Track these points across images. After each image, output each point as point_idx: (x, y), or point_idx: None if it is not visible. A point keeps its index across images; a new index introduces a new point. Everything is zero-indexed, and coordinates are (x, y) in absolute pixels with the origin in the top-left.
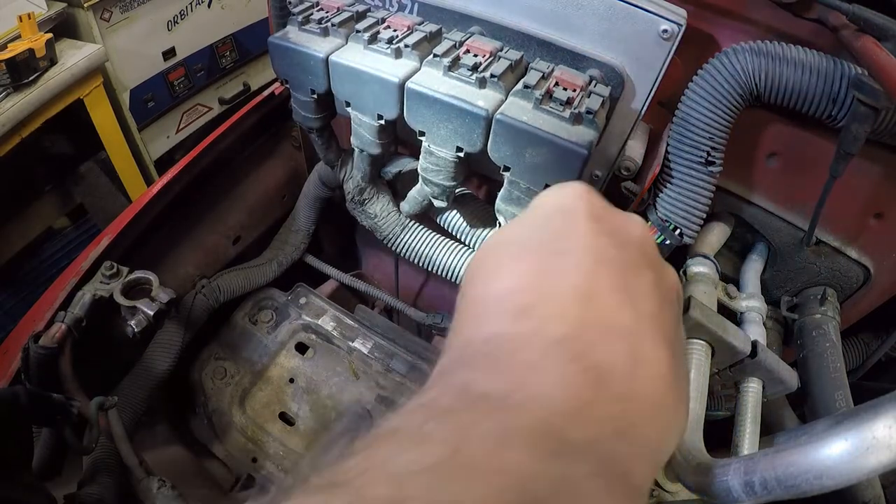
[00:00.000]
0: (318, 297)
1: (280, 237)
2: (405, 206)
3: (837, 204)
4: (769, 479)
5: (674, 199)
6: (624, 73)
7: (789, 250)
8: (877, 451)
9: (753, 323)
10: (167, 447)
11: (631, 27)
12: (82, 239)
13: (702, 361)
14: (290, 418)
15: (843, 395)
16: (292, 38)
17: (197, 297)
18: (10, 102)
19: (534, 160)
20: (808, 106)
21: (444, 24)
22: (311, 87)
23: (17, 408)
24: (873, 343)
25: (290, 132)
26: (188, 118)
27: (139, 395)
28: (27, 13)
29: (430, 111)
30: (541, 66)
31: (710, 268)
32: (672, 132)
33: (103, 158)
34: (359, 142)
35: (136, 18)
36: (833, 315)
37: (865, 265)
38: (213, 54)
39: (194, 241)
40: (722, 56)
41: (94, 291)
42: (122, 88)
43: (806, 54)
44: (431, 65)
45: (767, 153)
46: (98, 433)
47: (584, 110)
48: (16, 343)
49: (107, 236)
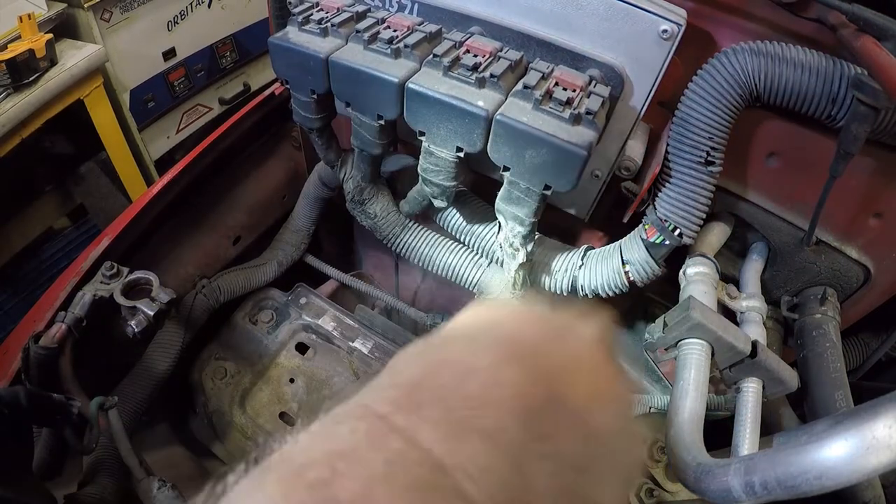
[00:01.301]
0: (319, 297)
1: (280, 237)
2: (405, 206)
3: (837, 204)
4: (769, 480)
5: (673, 199)
6: (624, 73)
7: (789, 250)
8: (877, 451)
9: (753, 323)
10: (167, 447)
11: (631, 27)
12: (82, 239)
13: (702, 361)
14: (290, 418)
15: (843, 395)
16: (292, 38)
17: (197, 297)
18: (11, 103)
19: (533, 161)
20: (808, 106)
21: (444, 24)
22: (311, 88)
23: (17, 408)
24: (873, 343)
25: (291, 132)
26: (188, 118)
27: (139, 395)
28: (27, 14)
29: (429, 111)
30: (541, 67)
31: (710, 268)
32: (672, 132)
33: (103, 159)
34: (359, 142)
35: (137, 19)
36: (833, 315)
37: (865, 265)
38: (214, 54)
39: (194, 242)
40: (722, 56)
41: (94, 292)
42: (122, 89)
43: (806, 54)
44: (431, 65)
45: (767, 153)
46: (98, 433)
47: (584, 111)
48: (16, 343)
49: (107, 236)
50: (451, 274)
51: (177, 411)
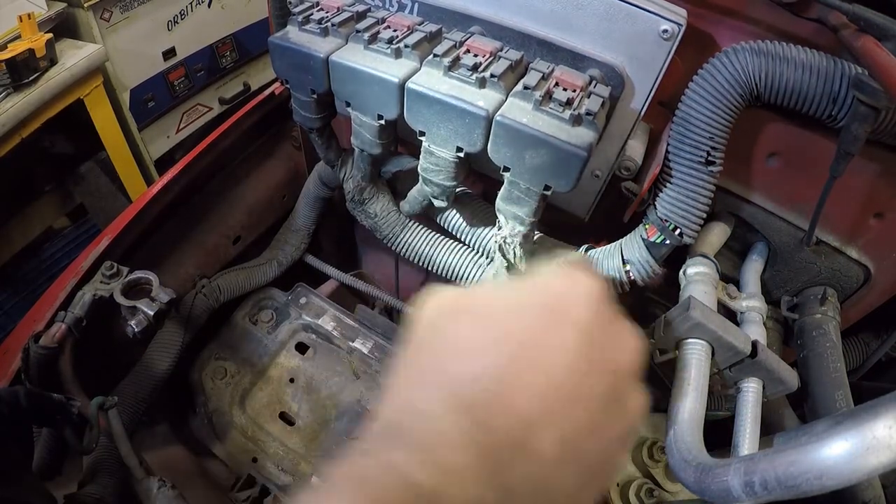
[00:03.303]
0: (319, 296)
1: (280, 237)
2: (405, 206)
3: (837, 204)
4: (769, 480)
5: (674, 199)
6: (624, 73)
7: (789, 250)
8: (877, 451)
9: (753, 323)
10: (167, 447)
11: (631, 27)
12: (82, 239)
13: (702, 361)
14: (291, 418)
15: (844, 394)
16: (292, 38)
17: (197, 296)
18: (11, 102)
19: (533, 161)
20: (809, 106)
21: (445, 23)
22: (311, 87)
23: (17, 408)
24: (873, 343)
25: (291, 132)
26: (188, 118)
27: (139, 395)
28: (27, 13)
29: (430, 111)
30: (541, 67)
31: (710, 267)
32: (672, 132)
33: (103, 158)
34: (359, 142)
35: (136, 18)
36: (833, 315)
37: (865, 265)
38: (214, 54)
39: (194, 241)
40: (722, 56)
41: (94, 291)
42: (122, 88)
43: (806, 54)
44: (431, 65)
45: (767, 153)
46: (98, 433)
47: (584, 111)
48: (16, 343)
49: (107, 236)
50: (452, 274)
51: (177, 411)
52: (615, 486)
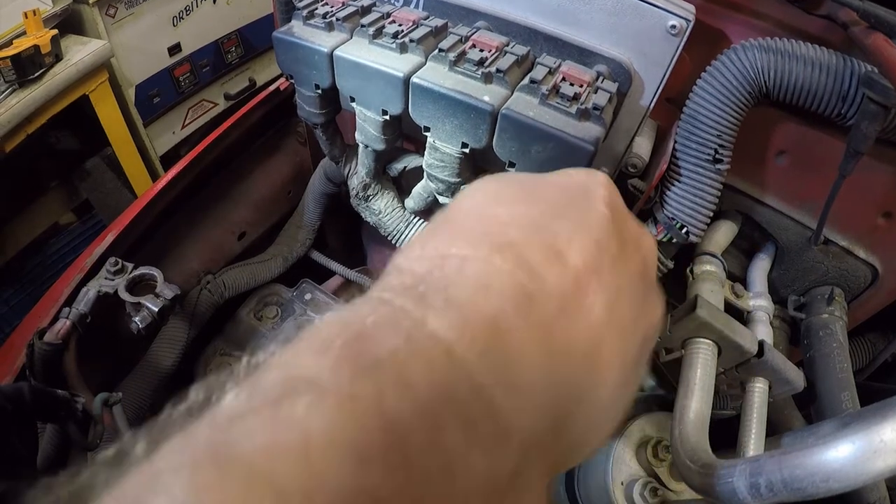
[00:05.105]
0: (324, 292)
1: (285, 233)
2: (410, 203)
3: (846, 203)
4: (775, 482)
5: (681, 197)
6: (631, 68)
7: (797, 249)
8: (884, 454)
9: (760, 322)
10: None
11: (639, 22)
12: (88, 235)
13: (708, 361)
14: None
15: (850, 395)
16: (297, 32)
17: (202, 293)
18: (16, 99)
19: (540, 156)
20: (818, 103)
21: (450, 18)
22: (316, 82)
23: (21, 404)
24: (880, 343)
25: (296, 128)
26: (193, 114)
27: (144, 392)
28: (32, 9)
29: (435, 106)
30: (547, 62)
31: (717, 266)
32: (680, 129)
33: (109, 154)
34: (363, 137)
35: (142, 14)
36: (840, 315)
37: (873, 265)
38: (219, 50)
39: (199, 237)
40: (731, 52)
41: (98, 288)
42: (127, 84)
43: (816, 51)
44: (437, 60)
45: (776, 151)
46: (102, 429)
47: (591, 106)
48: (20, 339)
49: (112, 232)
50: None
51: None
52: (619, 484)
